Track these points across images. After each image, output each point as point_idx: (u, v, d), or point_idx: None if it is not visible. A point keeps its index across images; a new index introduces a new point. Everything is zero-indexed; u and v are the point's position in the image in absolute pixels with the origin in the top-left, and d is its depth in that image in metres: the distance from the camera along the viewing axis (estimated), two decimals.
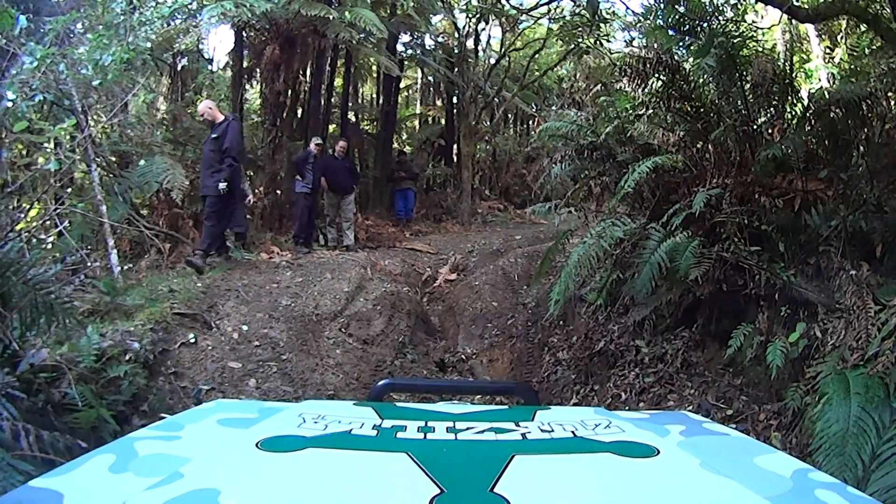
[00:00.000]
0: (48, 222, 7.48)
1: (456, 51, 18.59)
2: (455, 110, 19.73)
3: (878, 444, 3.58)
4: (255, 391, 6.14)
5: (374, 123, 20.23)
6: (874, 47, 8.38)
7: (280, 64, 12.92)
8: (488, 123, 20.40)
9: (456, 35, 18.78)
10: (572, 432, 1.33)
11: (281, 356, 6.76)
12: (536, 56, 18.76)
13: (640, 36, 14.11)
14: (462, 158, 17.89)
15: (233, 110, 14.42)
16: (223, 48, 27.23)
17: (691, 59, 6.80)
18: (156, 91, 14.63)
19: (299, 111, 15.05)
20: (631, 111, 7.22)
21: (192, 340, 6.36)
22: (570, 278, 5.90)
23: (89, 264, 7.66)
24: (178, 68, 15.24)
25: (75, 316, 4.99)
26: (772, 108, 6.07)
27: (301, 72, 14.35)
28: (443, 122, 21.51)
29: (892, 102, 5.83)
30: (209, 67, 17.39)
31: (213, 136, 8.80)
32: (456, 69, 17.92)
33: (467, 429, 1.34)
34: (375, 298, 8.45)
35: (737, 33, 6.36)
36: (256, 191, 13.87)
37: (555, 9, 17.37)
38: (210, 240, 8.72)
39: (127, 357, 5.35)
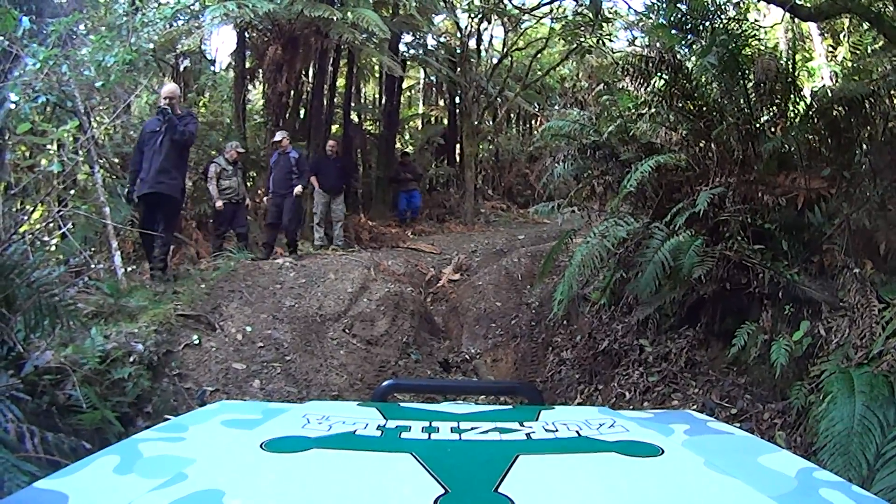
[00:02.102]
0: (51, 224, 7.49)
1: (458, 51, 18.59)
2: (458, 110, 19.73)
3: (882, 443, 3.58)
4: (259, 392, 6.15)
5: (377, 124, 20.23)
6: (877, 46, 8.36)
7: (282, 64, 12.95)
8: (491, 123, 20.42)
9: (458, 35, 18.82)
10: (576, 432, 1.33)
11: (285, 357, 6.77)
12: (539, 55, 18.76)
13: (643, 35, 14.13)
14: (465, 158, 17.91)
15: (235, 111, 14.48)
16: (226, 49, 27.38)
17: (694, 58, 6.79)
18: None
19: (302, 112, 15.10)
20: (633, 110, 7.23)
21: (196, 342, 6.37)
22: (573, 278, 5.90)
23: (93, 266, 7.66)
24: (181, 69, 15.23)
25: (79, 318, 5.00)
26: (774, 107, 6.06)
27: (303, 72, 14.39)
28: (445, 122, 21.53)
29: (895, 100, 5.82)
30: (212, 68, 17.39)
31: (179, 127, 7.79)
32: (458, 69, 17.92)
33: (471, 429, 1.34)
34: (379, 299, 8.44)
35: (739, 32, 6.34)
36: (259, 192, 13.89)
37: (557, 8, 17.40)
38: (169, 247, 8.36)
39: (131, 359, 5.36)
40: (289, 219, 10.67)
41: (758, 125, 5.95)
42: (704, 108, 6.30)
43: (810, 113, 5.74)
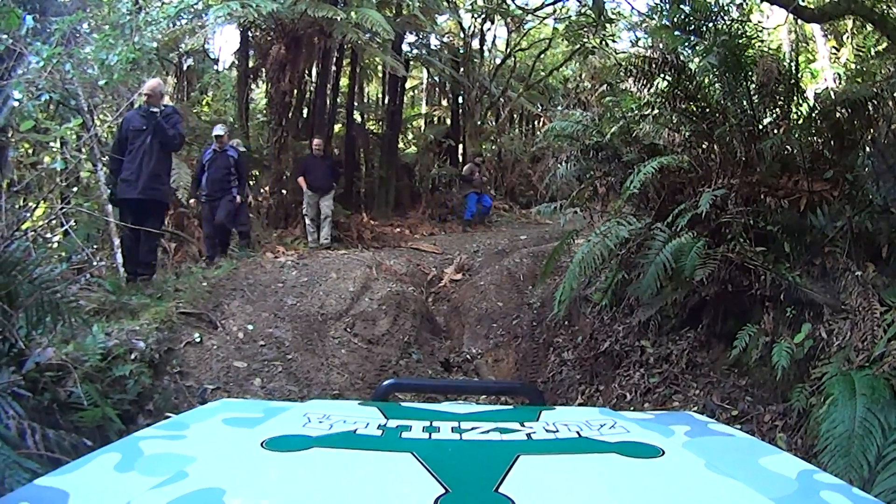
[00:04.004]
0: (54, 221, 7.51)
1: (461, 51, 18.65)
2: (461, 110, 19.78)
3: (883, 445, 3.58)
4: (260, 391, 6.15)
5: (380, 123, 20.25)
6: (880, 47, 8.37)
7: (286, 64, 12.95)
8: (494, 123, 20.43)
9: (461, 35, 18.85)
10: (577, 432, 1.33)
11: (286, 356, 6.77)
12: (542, 56, 18.83)
13: (646, 36, 14.11)
14: (467, 158, 17.91)
15: (238, 110, 14.51)
16: (229, 48, 27.40)
17: (697, 59, 6.79)
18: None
19: (305, 111, 15.08)
20: (636, 111, 7.22)
21: (198, 340, 6.36)
22: (575, 278, 5.89)
23: (95, 263, 7.69)
24: (184, 68, 15.28)
25: (81, 315, 5.00)
26: (777, 109, 6.06)
27: (307, 72, 14.39)
28: (448, 121, 21.53)
29: None
30: (215, 67, 17.45)
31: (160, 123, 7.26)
32: (461, 69, 17.97)
33: (472, 429, 1.34)
34: (381, 298, 8.44)
35: (742, 33, 6.35)
36: (262, 190, 13.91)
37: (560, 9, 17.45)
38: (157, 250, 8.00)
39: (132, 356, 5.35)
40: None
41: (760, 127, 5.95)
42: (707, 110, 6.30)
43: (813, 115, 5.74)
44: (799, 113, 6.00)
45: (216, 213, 9.57)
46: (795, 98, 5.99)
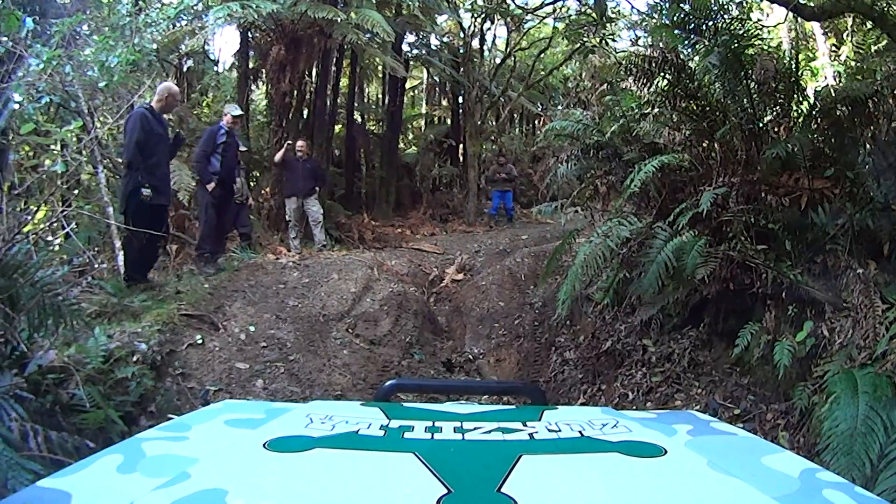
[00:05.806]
0: (55, 224, 7.50)
1: (461, 50, 18.64)
2: (461, 110, 19.80)
3: (886, 444, 3.57)
4: (262, 392, 6.15)
5: (380, 123, 20.28)
6: (880, 45, 8.36)
7: (286, 65, 12.95)
8: (494, 123, 20.41)
9: (461, 35, 18.84)
10: (580, 432, 1.33)
11: (288, 357, 6.76)
12: (542, 55, 18.79)
13: (646, 35, 14.11)
14: (468, 158, 17.93)
15: None
16: (229, 49, 27.42)
17: (697, 58, 6.78)
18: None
19: (305, 112, 15.08)
20: (637, 110, 7.21)
21: (200, 341, 6.36)
22: (576, 278, 5.88)
23: (96, 266, 7.68)
24: (184, 69, 15.27)
25: (83, 317, 5.00)
26: (778, 107, 6.04)
27: (307, 72, 14.39)
28: (448, 121, 21.58)
29: None
30: (215, 68, 17.47)
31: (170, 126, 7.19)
32: (461, 69, 17.97)
33: (475, 429, 1.34)
34: (382, 299, 8.44)
35: (742, 32, 6.33)
36: (263, 192, 13.90)
37: (560, 8, 17.42)
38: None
39: (134, 358, 5.36)
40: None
41: (761, 125, 5.93)
42: (707, 108, 6.29)
43: (814, 113, 5.72)
44: (799, 111, 5.99)
45: (228, 204, 9.23)
46: (796, 96, 5.98)
